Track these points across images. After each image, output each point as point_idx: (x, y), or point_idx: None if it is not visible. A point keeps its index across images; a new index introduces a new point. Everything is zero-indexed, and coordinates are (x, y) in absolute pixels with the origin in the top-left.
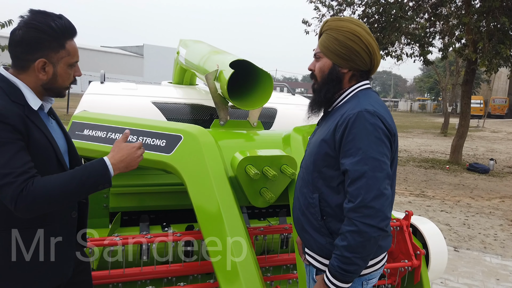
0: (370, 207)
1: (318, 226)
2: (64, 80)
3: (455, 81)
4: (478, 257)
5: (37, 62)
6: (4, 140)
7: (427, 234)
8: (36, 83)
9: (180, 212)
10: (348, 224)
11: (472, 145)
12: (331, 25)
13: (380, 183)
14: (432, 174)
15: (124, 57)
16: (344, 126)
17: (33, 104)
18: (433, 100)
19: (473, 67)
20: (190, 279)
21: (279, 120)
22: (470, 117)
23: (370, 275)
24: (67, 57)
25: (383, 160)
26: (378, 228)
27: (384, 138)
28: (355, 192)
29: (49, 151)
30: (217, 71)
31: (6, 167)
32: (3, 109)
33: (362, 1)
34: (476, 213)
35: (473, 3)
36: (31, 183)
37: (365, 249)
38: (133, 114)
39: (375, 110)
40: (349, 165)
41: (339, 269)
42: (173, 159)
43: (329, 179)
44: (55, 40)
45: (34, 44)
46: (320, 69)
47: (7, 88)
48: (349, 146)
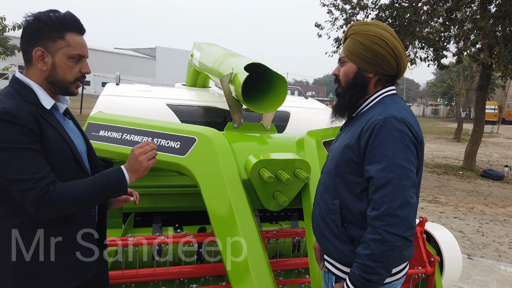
0: (395, 215)
1: (339, 233)
2: (65, 72)
3: (469, 86)
4: (493, 265)
5: (35, 51)
6: (20, 146)
7: (441, 241)
8: (41, 77)
9: (193, 214)
10: (371, 233)
11: (486, 151)
12: (356, 29)
13: (406, 192)
14: (445, 180)
15: (136, 59)
16: (370, 132)
17: (46, 103)
18: (446, 105)
19: (488, 72)
20: (202, 281)
21: (292, 123)
22: (484, 122)
23: (392, 284)
24: (66, 47)
25: (409, 168)
26: (403, 237)
27: (411, 146)
28: (380, 200)
29: (65, 149)
30: (231, 74)
31: (25, 173)
32: (15, 110)
33: (376, 5)
34: (490, 220)
35: (489, 7)
36: (53, 188)
37: (389, 258)
38: (148, 115)
39: (402, 116)
40: (374, 172)
41: (361, 278)
42: (187, 161)
43: (352, 185)
44: (53, 30)
45: (33, 33)
46: (345, 74)
47: (20, 89)
48: (375, 153)
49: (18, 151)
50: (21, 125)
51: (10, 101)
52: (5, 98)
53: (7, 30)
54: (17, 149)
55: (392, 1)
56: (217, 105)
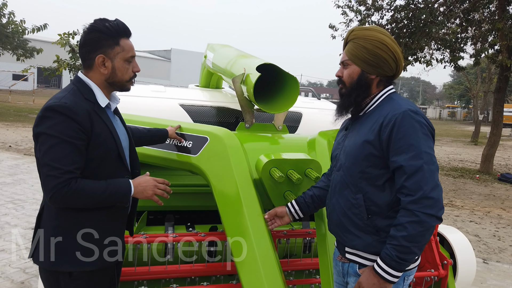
0: (430, 197)
1: (363, 226)
2: (123, 73)
3: (487, 88)
4: (509, 270)
5: (97, 58)
6: (65, 138)
7: (454, 244)
8: (101, 79)
9: (205, 213)
10: (407, 215)
11: (504, 154)
12: (357, 34)
13: (435, 175)
14: (461, 183)
15: (152, 60)
16: (392, 125)
17: (102, 102)
18: (463, 108)
19: (506, 74)
20: (213, 280)
21: (304, 124)
22: (502, 125)
23: (411, 271)
24: (122, 52)
25: (432, 153)
26: (437, 217)
27: (429, 134)
28: (414, 186)
29: (110, 144)
30: (243, 75)
31: (58, 162)
32: (74, 106)
33: (391, 6)
34: (508, 224)
35: (507, 8)
36: (74, 182)
37: (424, 237)
38: (161, 115)
39: (417, 110)
40: (404, 161)
41: (397, 258)
42: (199, 160)
43: (374, 178)
44: (110, 38)
45: (94, 43)
46: (349, 76)
47: (82, 88)
48: (400, 144)
49: (62, 142)
50: (75, 121)
51: (72, 98)
52: (69, 94)
53: (27, 33)
54: (62, 140)
55: (407, 2)
56: (229, 106)
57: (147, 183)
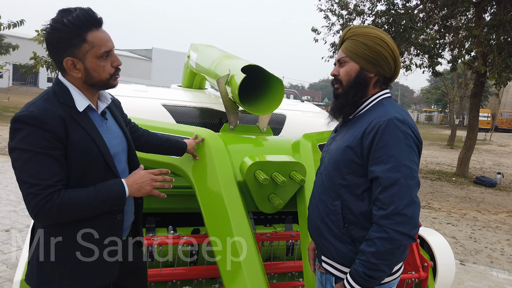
0: (403, 214)
1: (340, 234)
2: (99, 72)
3: (463, 93)
4: (485, 271)
5: (65, 62)
6: (38, 150)
7: (435, 246)
8: (79, 82)
9: (187, 215)
10: (378, 231)
11: (479, 158)
12: (356, 31)
13: (412, 191)
14: (438, 186)
15: (132, 59)
16: (374, 133)
17: (79, 105)
18: (440, 112)
19: (482, 80)
20: (195, 283)
21: (288, 126)
22: (477, 130)
23: (390, 283)
24: (92, 49)
25: (414, 168)
26: (409, 236)
27: (414, 146)
28: (387, 200)
29: (93, 152)
30: (228, 76)
31: (35, 177)
32: (43, 113)
33: (372, 11)
34: (483, 226)
35: (483, 16)
36: (57, 196)
37: (394, 256)
38: (143, 116)
39: (404, 118)
40: (381, 172)
41: (364, 274)
42: (182, 162)
43: (354, 186)
44: (74, 37)
45: (57, 45)
46: (346, 73)
47: (59, 91)
48: (380, 153)
49: (36, 155)
50: (45, 130)
51: (42, 104)
52: (40, 100)
53: (2, 29)
54: (36, 153)
55: (388, 7)
56: (213, 107)
57: (142, 178)
